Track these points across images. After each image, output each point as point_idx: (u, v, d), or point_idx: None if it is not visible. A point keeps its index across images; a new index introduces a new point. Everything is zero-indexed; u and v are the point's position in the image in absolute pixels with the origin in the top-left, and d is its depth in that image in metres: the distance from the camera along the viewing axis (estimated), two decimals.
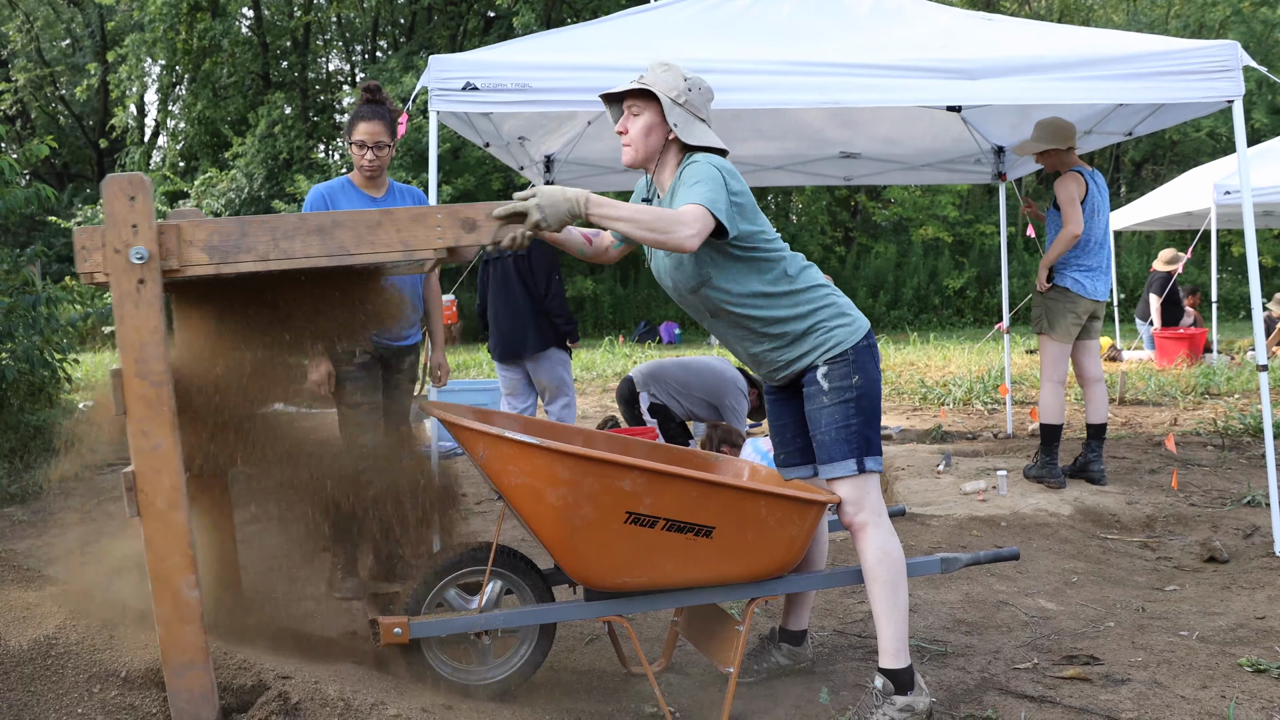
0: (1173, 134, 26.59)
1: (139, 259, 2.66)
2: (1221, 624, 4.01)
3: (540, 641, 3.31)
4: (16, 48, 30.34)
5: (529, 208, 2.80)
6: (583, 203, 2.81)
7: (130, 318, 2.68)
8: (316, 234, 2.79)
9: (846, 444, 3.12)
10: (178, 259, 2.73)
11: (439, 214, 2.86)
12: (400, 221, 2.84)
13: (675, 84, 3.12)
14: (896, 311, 25.43)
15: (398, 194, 4.59)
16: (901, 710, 3.05)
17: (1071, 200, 5.89)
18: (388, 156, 4.47)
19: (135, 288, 2.67)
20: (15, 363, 7.02)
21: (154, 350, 2.70)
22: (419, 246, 2.85)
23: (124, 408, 2.70)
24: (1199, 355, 12.76)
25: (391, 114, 4.48)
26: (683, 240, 2.81)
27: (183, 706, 2.73)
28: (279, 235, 2.77)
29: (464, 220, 2.87)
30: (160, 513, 2.71)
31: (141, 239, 2.67)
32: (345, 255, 2.81)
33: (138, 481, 2.71)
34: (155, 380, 2.70)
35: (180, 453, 2.75)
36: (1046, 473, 6.11)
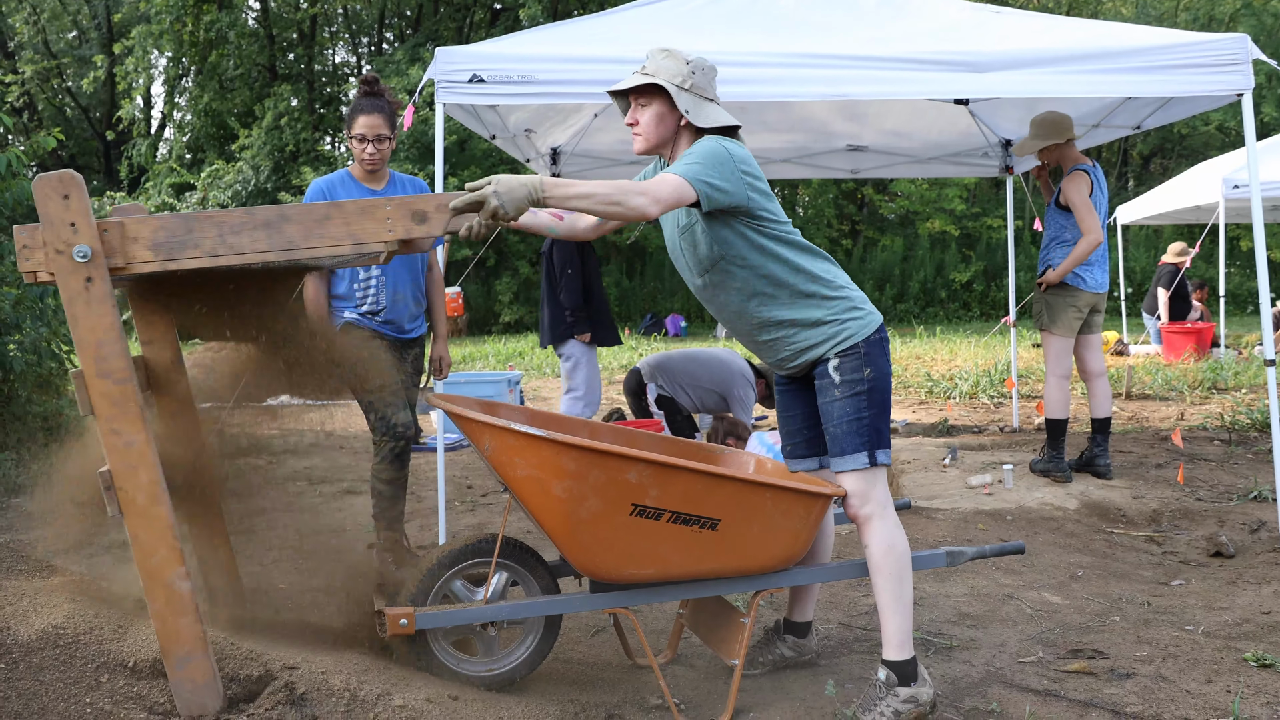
0: (1181, 127, 26.52)
1: (82, 258, 2.62)
2: (1227, 619, 4.01)
3: (546, 633, 3.32)
4: (23, 40, 30.38)
5: (485, 195, 2.72)
6: (538, 186, 2.76)
7: (83, 317, 2.64)
8: (264, 229, 2.74)
9: (858, 436, 3.12)
10: (122, 256, 2.68)
11: (388, 206, 2.81)
12: (349, 215, 2.79)
13: (678, 69, 3.11)
14: (903, 305, 25.42)
15: (399, 185, 4.56)
16: (905, 702, 3.06)
17: (1087, 206, 5.83)
18: (389, 149, 4.45)
19: (84, 287, 2.63)
20: (23, 354, 7.03)
21: (112, 348, 2.66)
22: (368, 240, 2.80)
23: (90, 408, 2.67)
24: (1206, 350, 12.75)
25: (391, 106, 4.45)
26: (640, 207, 2.79)
27: (187, 697, 2.74)
28: (226, 231, 2.73)
29: (414, 212, 2.82)
30: (142, 509, 2.70)
31: (82, 237, 2.62)
32: (294, 250, 2.76)
33: (115, 480, 2.69)
34: (118, 378, 2.67)
35: (154, 446, 2.72)
36: (1053, 467, 6.10)
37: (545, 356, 15.66)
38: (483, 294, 24.56)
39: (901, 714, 3.05)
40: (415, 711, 2.85)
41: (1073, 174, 5.94)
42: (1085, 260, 5.88)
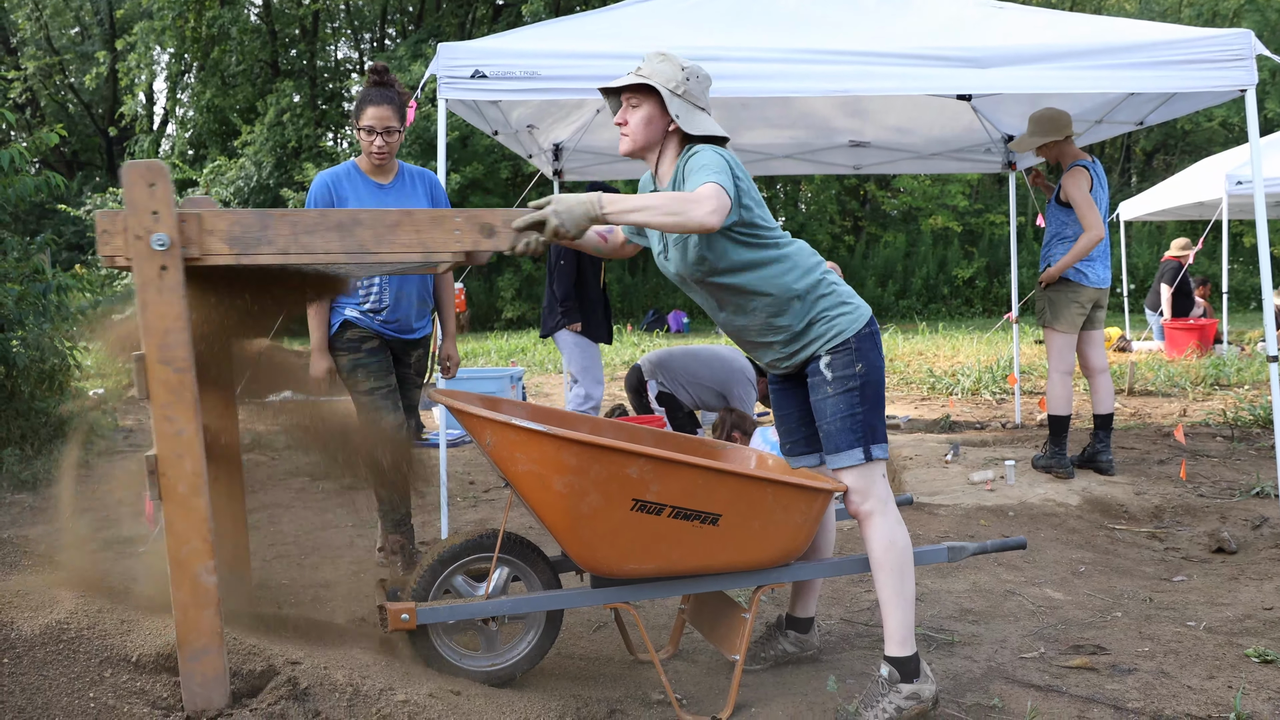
0: (1184, 123, 26.49)
1: (160, 246, 2.67)
2: (1229, 614, 4.01)
3: (547, 628, 3.32)
4: (25, 35, 30.37)
5: (546, 215, 2.81)
6: (597, 205, 2.82)
7: (153, 304, 2.70)
8: (336, 231, 2.80)
9: (852, 433, 3.12)
10: (199, 248, 2.74)
11: (458, 218, 2.86)
12: (420, 223, 2.84)
13: (673, 75, 3.11)
14: (905, 301, 25.39)
15: (407, 178, 4.42)
16: (907, 698, 3.06)
17: (1088, 202, 5.82)
18: (397, 142, 4.29)
19: (158, 274, 2.69)
20: (26, 350, 7.04)
21: (177, 337, 2.72)
22: (437, 249, 2.86)
23: (146, 393, 2.72)
24: (1209, 346, 12.73)
25: (400, 97, 4.29)
26: (703, 218, 2.79)
27: (195, 690, 2.75)
28: (300, 230, 2.78)
29: (483, 225, 2.87)
30: (182, 498, 2.74)
31: (162, 226, 2.68)
32: (364, 254, 2.82)
33: (160, 466, 2.74)
34: (178, 366, 2.73)
35: (202, 438, 2.77)
36: (1055, 463, 6.10)
37: (547, 352, 15.66)
38: (485, 290, 24.57)
39: (904, 710, 3.05)
40: (418, 707, 2.85)
41: (1072, 170, 5.93)
42: (1087, 256, 5.87)
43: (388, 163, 4.32)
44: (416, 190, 4.37)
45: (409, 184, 4.38)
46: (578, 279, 6.47)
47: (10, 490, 6.56)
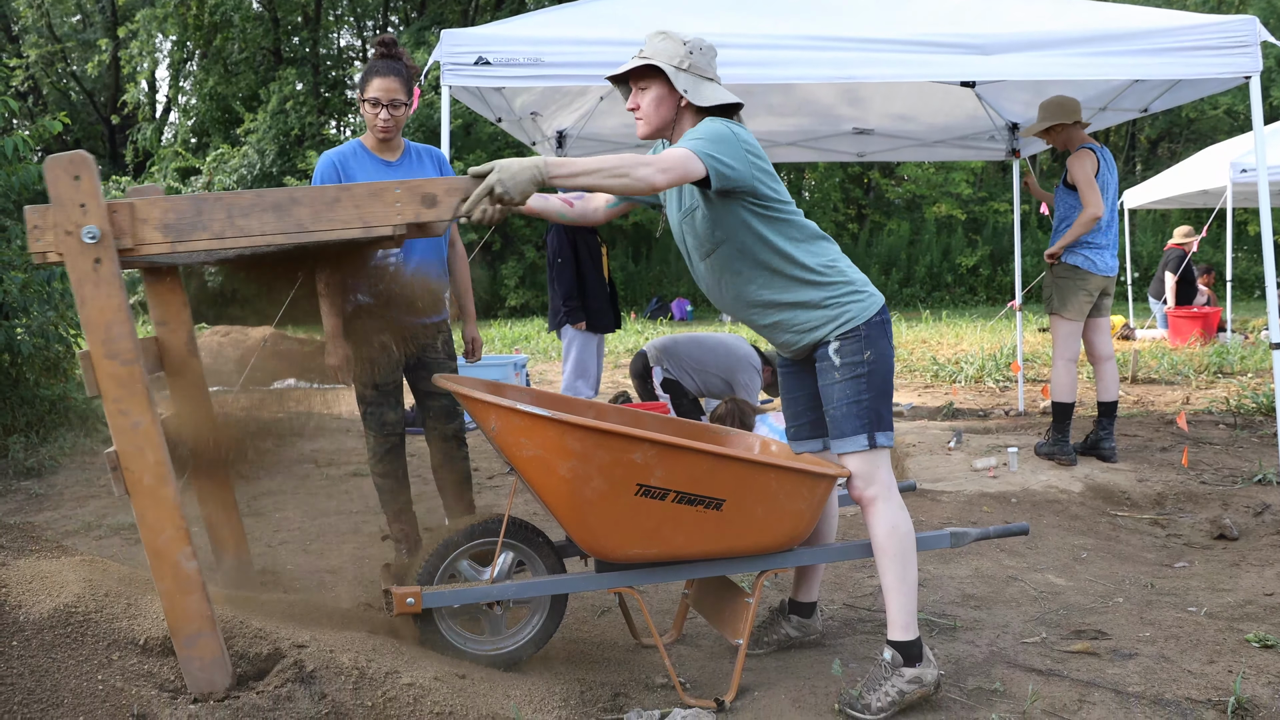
0: (1189, 111, 26.42)
1: (91, 239, 2.62)
2: (1230, 600, 4.03)
3: (552, 613, 3.34)
4: (27, 23, 30.34)
5: (490, 183, 2.74)
6: (542, 167, 2.76)
7: (92, 298, 2.65)
8: (273, 211, 2.74)
9: (858, 419, 3.13)
10: (131, 238, 2.68)
11: (398, 189, 2.80)
12: (359, 197, 2.78)
13: (676, 51, 3.11)
14: (909, 289, 25.39)
15: (414, 155, 4.24)
16: (910, 682, 3.08)
17: (1089, 181, 5.83)
18: (404, 116, 4.09)
19: (92, 267, 2.63)
20: (31, 338, 7.06)
21: (120, 329, 2.67)
22: (378, 223, 2.79)
23: (97, 389, 2.69)
24: (1212, 334, 12.73)
25: (408, 70, 4.10)
26: (647, 177, 2.77)
27: (196, 674, 2.77)
28: (235, 213, 2.72)
29: (424, 196, 2.81)
30: (149, 489, 2.71)
31: (91, 218, 2.62)
32: (303, 232, 2.75)
33: (121, 460, 2.70)
34: (125, 359, 2.68)
35: (160, 428, 2.73)
36: (1058, 450, 6.11)
37: (551, 340, 15.68)
38: (489, 278, 24.57)
39: (906, 694, 3.07)
40: (423, 689, 2.87)
41: (1079, 151, 5.93)
42: (1087, 233, 5.88)
43: (394, 138, 4.16)
44: (425, 167, 4.24)
45: (416, 161, 4.24)
46: (578, 274, 6.50)
47: (16, 477, 6.58)
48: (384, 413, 4.22)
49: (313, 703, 2.73)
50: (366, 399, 4.22)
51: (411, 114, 4.23)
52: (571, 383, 6.64)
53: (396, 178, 4.10)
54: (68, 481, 6.50)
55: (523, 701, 3.00)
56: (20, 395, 7.37)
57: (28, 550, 3.33)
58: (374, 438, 4.25)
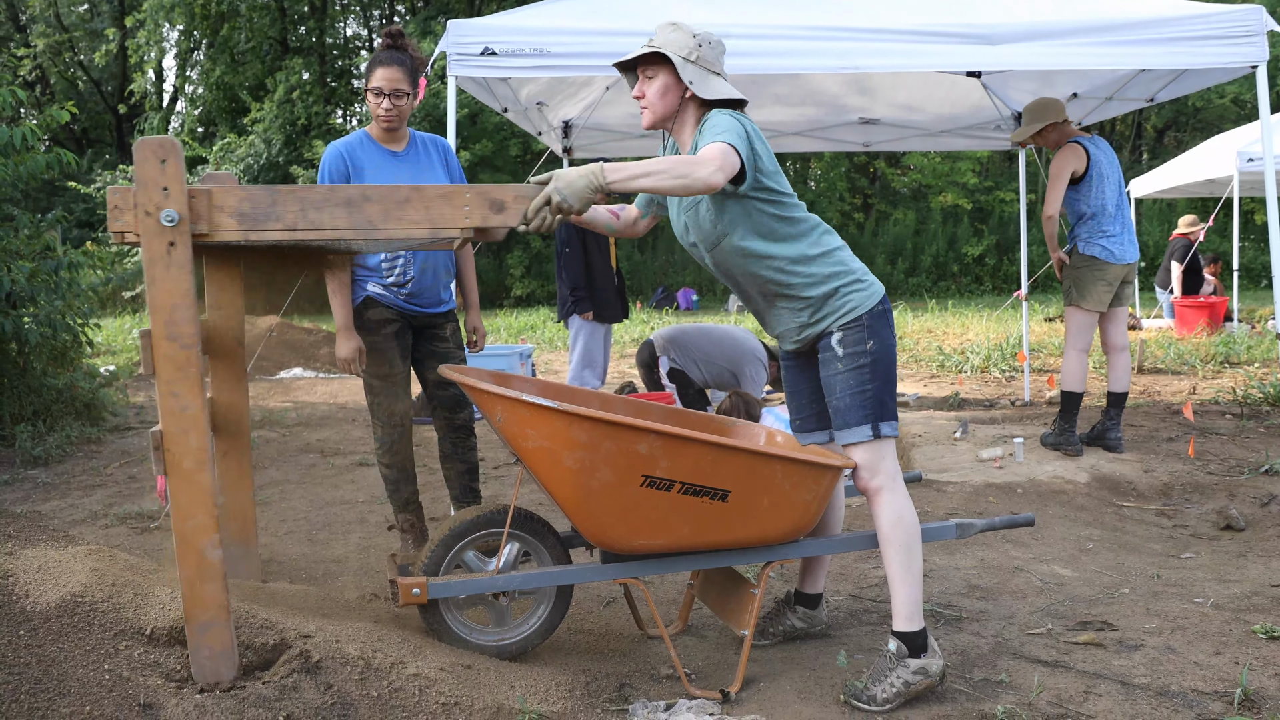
0: (1196, 100, 26.32)
1: (169, 222, 2.67)
2: (1236, 591, 4.02)
3: (557, 603, 3.34)
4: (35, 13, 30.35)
5: (548, 193, 2.79)
6: (599, 174, 2.80)
7: (161, 280, 2.71)
8: (345, 207, 2.79)
9: (861, 409, 3.13)
10: (207, 224, 2.74)
11: (468, 194, 2.85)
12: (429, 199, 2.83)
13: (685, 42, 3.12)
14: (915, 279, 25.35)
15: (420, 145, 4.24)
16: (915, 673, 3.08)
17: (1056, 177, 5.89)
18: (408, 107, 4.09)
19: (166, 250, 2.69)
20: (38, 327, 7.07)
21: (184, 313, 2.72)
22: (446, 225, 2.85)
23: (152, 369, 2.73)
24: (1219, 324, 12.70)
25: (413, 60, 4.10)
26: (707, 178, 2.79)
27: (204, 663, 2.78)
28: (308, 206, 2.78)
29: (492, 201, 2.86)
30: (187, 473, 2.75)
31: (172, 202, 2.68)
32: (372, 230, 2.82)
33: (165, 441, 2.75)
34: (185, 343, 2.73)
35: (207, 414, 2.78)
36: (1064, 440, 6.11)
37: (557, 330, 15.69)
38: (494, 268, 24.58)
39: (911, 684, 3.07)
40: (428, 680, 2.88)
41: (1064, 147, 5.93)
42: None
43: (398, 129, 4.15)
44: (430, 158, 4.24)
45: (422, 151, 4.24)
46: (586, 264, 6.51)
47: (23, 466, 6.60)
48: (391, 403, 4.23)
49: (319, 693, 2.74)
50: (374, 389, 4.22)
51: (418, 104, 4.23)
52: (578, 373, 6.65)
53: (403, 168, 4.14)
54: (74, 470, 6.52)
55: (528, 692, 3.01)
56: (27, 384, 7.39)
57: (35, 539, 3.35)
58: (381, 428, 4.26)
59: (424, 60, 4.19)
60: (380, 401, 4.23)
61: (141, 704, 2.65)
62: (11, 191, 7.37)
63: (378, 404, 4.23)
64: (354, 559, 4.58)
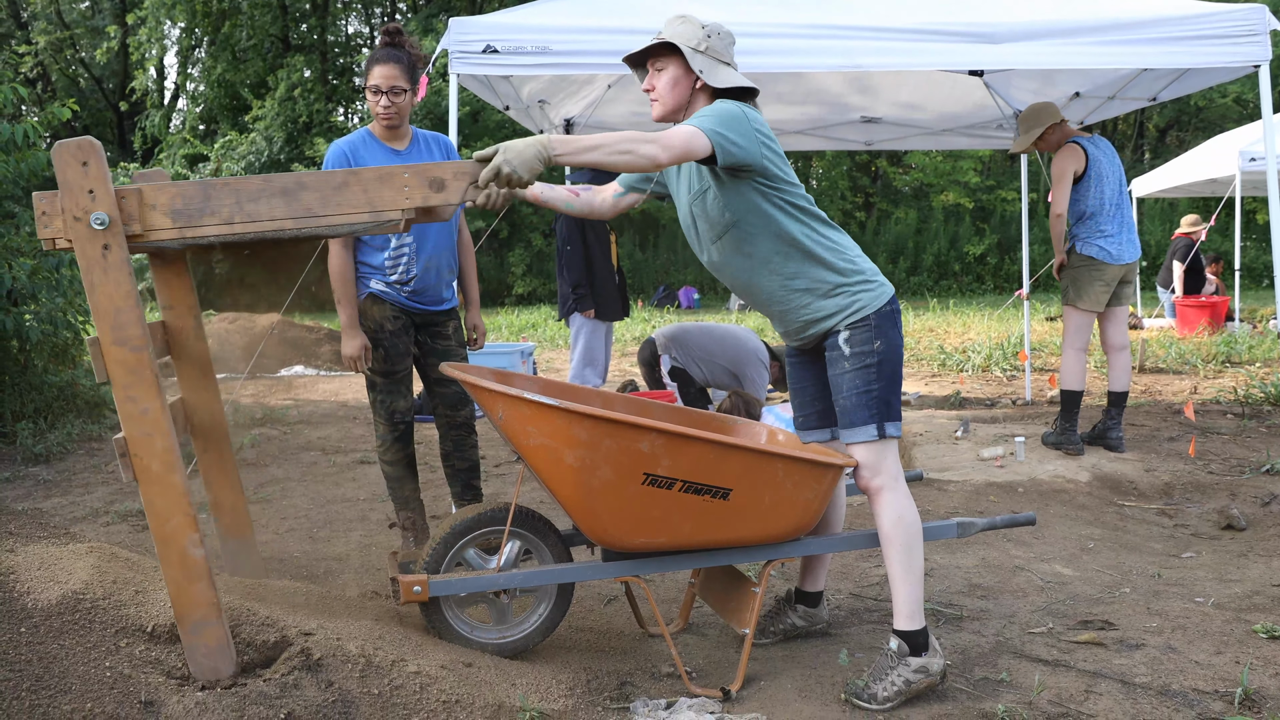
0: (1198, 99, 26.29)
1: (100, 225, 2.63)
2: (1237, 591, 4.02)
3: (558, 601, 3.34)
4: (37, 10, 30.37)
5: (496, 164, 2.74)
6: (547, 144, 2.76)
7: (100, 285, 2.66)
8: (281, 196, 2.74)
9: (867, 409, 3.13)
10: (140, 224, 2.69)
11: (406, 174, 2.81)
12: (367, 182, 2.79)
13: (694, 33, 3.13)
14: (916, 278, 25.34)
15: (422, 143, 4.24)
16: (916, 672, 3.08)
17: (1059, 178, 5.91)
18: (407, 104, 4.08)
19: (101, 254, 2.64)
20: (39, 324, 7.08)
21: (129, 315, 2.68)
22: (386, 208, 2.80)
23: (105, 375, 2.69)
24: (1220, 323, 12.69)
25: (412, 57, 4.08)
26: (651, 154, 2.78)
27: (201, 661, 2.78)
28: (244, 198, 2.73)
29: (432, 180, 2.82)
30: (157, 476, 2.73)
31: (100, 204, 2.63)
32: (311, 218, 2.77)
33: (130, 447, 2.72)
34: (134, 345, 2.69)
35: (169, 414, 2.75)
36: (1065, 439, 6.11)
37: (559, 328, 15.69)
38: (495, 266, 24.58)
39: (912, 683, 3.07)
40: (429, 677, 2.88)
41: (1064, 148, 5.95)
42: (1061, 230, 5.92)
43: (398, 126, 4.14)
44: (433, 154, 4.24)
45: (424, 149, 4.23)
46: (587, 261, 6.51)
47: (24, 463, 6.61)
48: (393, 400, 4.24)
49: (320, 691, 2.74)
50: (376, 386, 4.23)
51: (419, 101, 4.23)
52: (579, 371, 6.65)
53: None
54: (75, 468, 6.52)
55: (529, 690, 3.01)
56: (29, 381, 7.39)
57: (36, 536, 3.35)
58: (383, 425, 4.26)
59: (423, 57, 4.18)
60: (382, 399, 4.23)
61: (143, 701, 2.65)
62: (13, 189, 7.38)
63: (380, 401, 4.24)
64: (355, 557, 4.58)
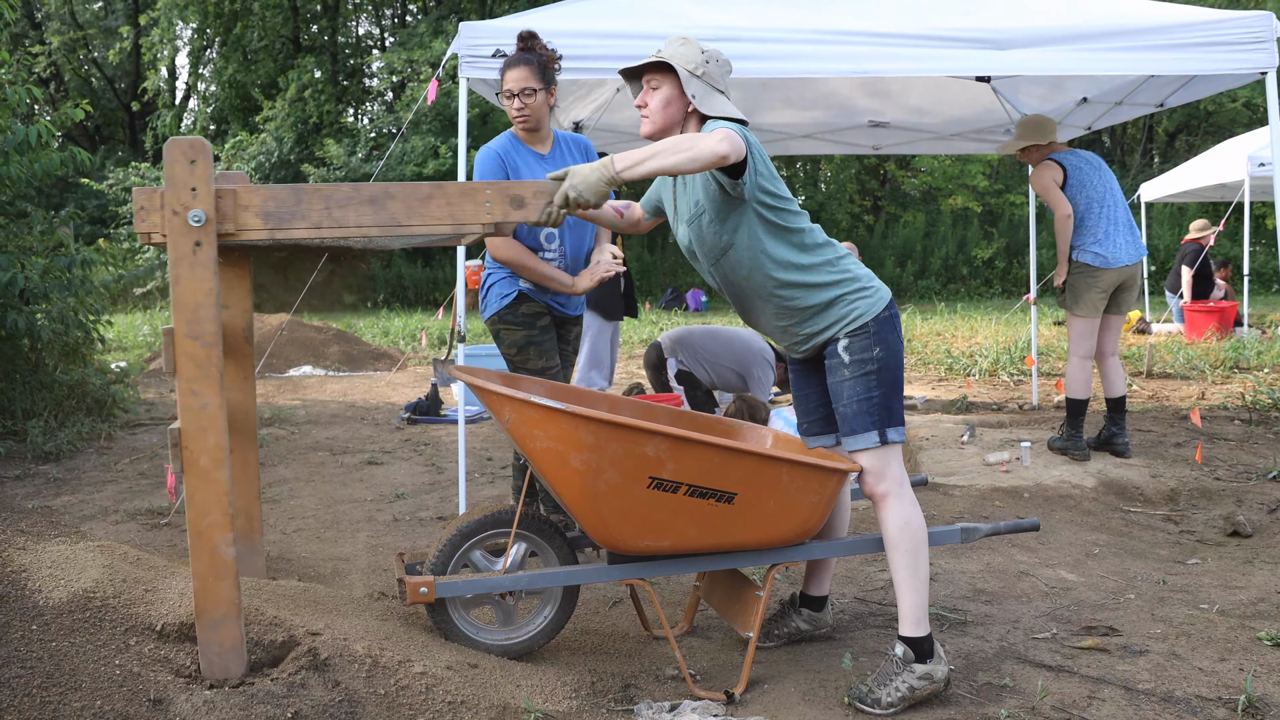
0: (1207, 104, 26.23)
1: (196, 222, 2.72)
2: (1242, 598, 4.03)
3: (564, 604, 3.36)
4: (50, 10, 30.45)
5: (564, 190, 2.88)
6: (610, 166, 2.87)
7: (185, 279, 2.75)
8: (369, 204, 2.85)
9: (868, 415, 3.14)
10: (233, 224, 2.78)
11: (488, 190, 2.91)
12: (451, 195, 2.89)
13: (692, 57, 3.15)
14: (924, 281, 25.32)
15: (563, 145, 4.28)
16: (921, 678, 3.09)
17: (1046, 189, 5.97)
18: (542, 103, 4.10)
19: (192, 250, 2.73)
20: (50, 323, 7.11)
21: (207, 312, 2.76)
22: (467, 221, 2.90)
23: (174, 367, 2.77)
24: (1229, 329, 12.67)
25: (541, 57, 4.09)
26: (713, 146, 2.83)
27: (213, 659, 2.81)
28: (333, 204, 2.83)
29: (513, 197, 2.92)
30: (204, 470, 2.79)
31: (200, 202, 2.72)
32: (396, 226, 2.87)
33: (183, 439, 2.78)
34: (206, 341, 2.77)
35: (225, 413, 2.81)
36: (1071, 445, 6.11)
37: None
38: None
39: (916, 689, 3.08)
40: (435, 678, 2.90)
41: (1039, 166, 6.03)
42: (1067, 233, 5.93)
43: (537, 128, 4.17)
44: (575, 157, 4.27)
45: (567, 152, 4.26)
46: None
47: (34, 462, 6.64)
48: None
49: (326, 690, 2.77)
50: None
51: (431, 104, 4.27)
52: (586, 373, 6.66)
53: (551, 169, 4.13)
54: (85, 466, 6.55)
55: (534, 691, 3.03)
56: (40, 380, 7.43)
57: (47, 535, 3.38)
58: None
59: (553, 56, 4.18)
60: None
61: (152, 699, 2.67)
62: (26, 188, 7.42)
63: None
64: (362, 557, 4.61)
